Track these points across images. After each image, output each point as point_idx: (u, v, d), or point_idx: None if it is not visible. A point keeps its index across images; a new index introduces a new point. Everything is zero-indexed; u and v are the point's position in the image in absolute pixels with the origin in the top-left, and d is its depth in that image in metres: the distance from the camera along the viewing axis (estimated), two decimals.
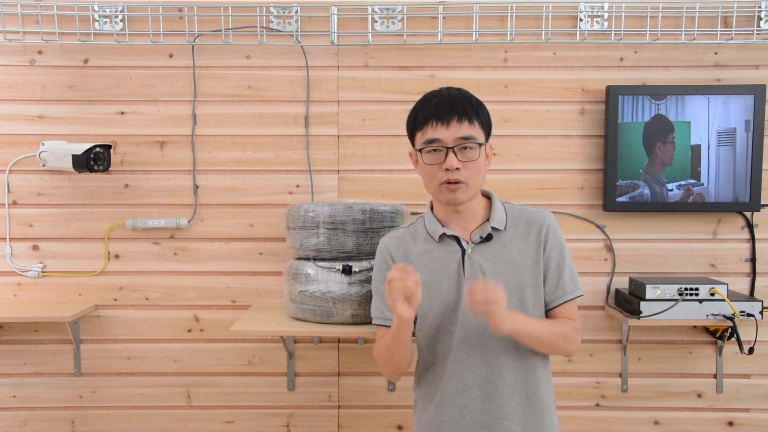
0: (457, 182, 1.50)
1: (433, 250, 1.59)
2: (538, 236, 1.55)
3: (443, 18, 2.48)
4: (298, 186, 2.53)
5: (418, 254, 1.60)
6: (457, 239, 1.57)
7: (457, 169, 1.49)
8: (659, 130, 2.43)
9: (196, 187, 2.53)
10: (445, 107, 1.51)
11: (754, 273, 2.53)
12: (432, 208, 1.65)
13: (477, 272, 1.53)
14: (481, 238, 1.54)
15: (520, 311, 1.52)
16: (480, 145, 1.51)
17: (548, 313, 1.57)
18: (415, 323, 1.61)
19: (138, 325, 2.56)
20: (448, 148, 1.49)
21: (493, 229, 1.55)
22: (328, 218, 2.15)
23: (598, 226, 2.52)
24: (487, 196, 1.65)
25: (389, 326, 1.55)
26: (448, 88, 1.57)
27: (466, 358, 1.55)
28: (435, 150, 1.51)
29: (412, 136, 1.60)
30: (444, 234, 1.58)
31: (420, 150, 1.54)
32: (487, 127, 1.57)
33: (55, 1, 2.45)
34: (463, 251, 1.56)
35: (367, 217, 2.15)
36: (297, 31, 2.48)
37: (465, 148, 1.49)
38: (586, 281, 2.33)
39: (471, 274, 1.53)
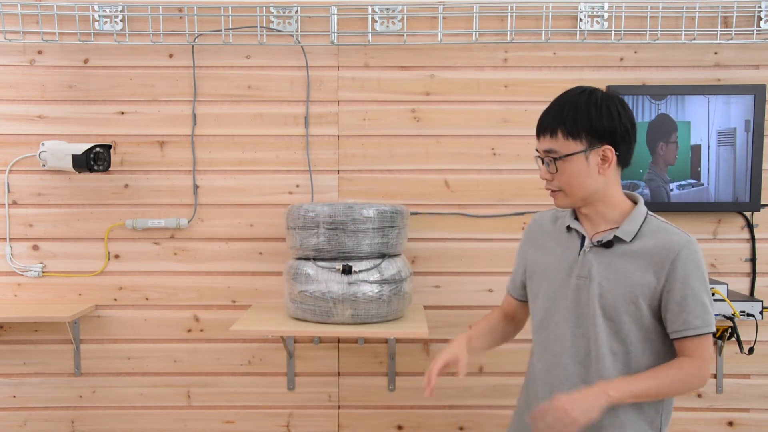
0: (552, 190, 1.56)
1: (560, 237, 1.63)
2: (662, 261, 1.47)
3: (443, 18, 2.48)
4: (298, 186, 2.53)
5: (548, 234, 1.67)
6: (582, 236, 1.58)
7: (547, 179, 1.55)
8: (664, 130, 2.43)
9: (196, 187, 2.53)
10: (539, 121, 1.56)
11: (754, 273, 2.53)
12: None
13: (586, 273, 1.54)
14: (599, 242, 1.54)
15: (617, 324, 1.50)
16: (556, 159, 1.50)
17: (674, 343, 1.51)
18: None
19: (138, 325, 2.56)
20: (543, 159, 1.55)
21: (617, 238, 1.52)
22: (328, 218, 2.15)
23: None
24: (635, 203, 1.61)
25: (512, 296, 1.79)
26: (562, 95, 1.56)
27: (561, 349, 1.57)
28: (541, 160, 1.57)
29: None
30: (569, 226, 1.61)
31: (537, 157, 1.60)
32: (589, 133, 1.49)
33: (55, 1, 2.45)
34: (581, 249, 1.57)
35: (368, 217, 2.15)
36: (297, 31, 2.48)
37: (553, 159, 1.52)
38: None
39: (580, 273, 1.54)
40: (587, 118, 1.49)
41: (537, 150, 1.56)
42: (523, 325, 1.81)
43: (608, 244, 1.52)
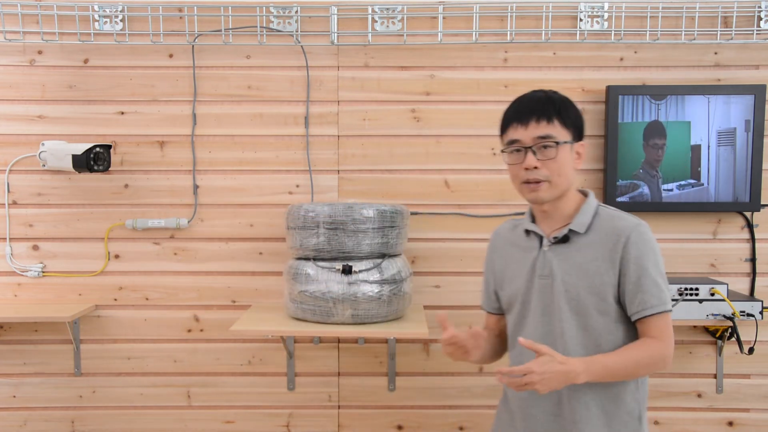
0: (537, 181, 1.52)
1: (520, 242, 1.64)
2: (615, 247, 1.49)
3: (443, 18, 2.48)
4: (298, 186, 2.53)
5: (509, 242, 1.68)
6: (540, 237, 1.59)
7: (536, 168, 1.51)
8: (655, 133, 2.43)
9: (196, 187, 2.53)
10: (524, 109, 1.55)
11: (754, 273, 2.53)
12: None
13: (547, 271, 1.55)
14: (556, 238, 1.55)
15: (584, 317, 1.51)
16: (558, 144, 1.50)
17: (636, 325, 1.52)
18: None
19: (138, 325, 2.56)
20: (526, 148, 1.52)
21: (572, 231, 1.54)
22: (328, 218, 2.15)
23: None
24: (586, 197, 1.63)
25: (489, 312, 1.76)
26: (535, 91, 1.59)
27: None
28: (517, 150, 1.54)
29: (501, 139, 1.62)
30: (528, 230, 1.62)
31: (503, 151, 1.58)
32: (574, 126, 1.54)
33: (55, 1, 2.45)
34: (540, 249, 1.58)
35: (368, 217, 2.15)
36: (297, 31, 2.48)
37: (544, 147, 1.50)
38: None
39: (542, 272, 1.56)
40: (574, 112, 1.55)
41: (516, 139, 1.53)
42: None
43: (565, 239, 1.55)
